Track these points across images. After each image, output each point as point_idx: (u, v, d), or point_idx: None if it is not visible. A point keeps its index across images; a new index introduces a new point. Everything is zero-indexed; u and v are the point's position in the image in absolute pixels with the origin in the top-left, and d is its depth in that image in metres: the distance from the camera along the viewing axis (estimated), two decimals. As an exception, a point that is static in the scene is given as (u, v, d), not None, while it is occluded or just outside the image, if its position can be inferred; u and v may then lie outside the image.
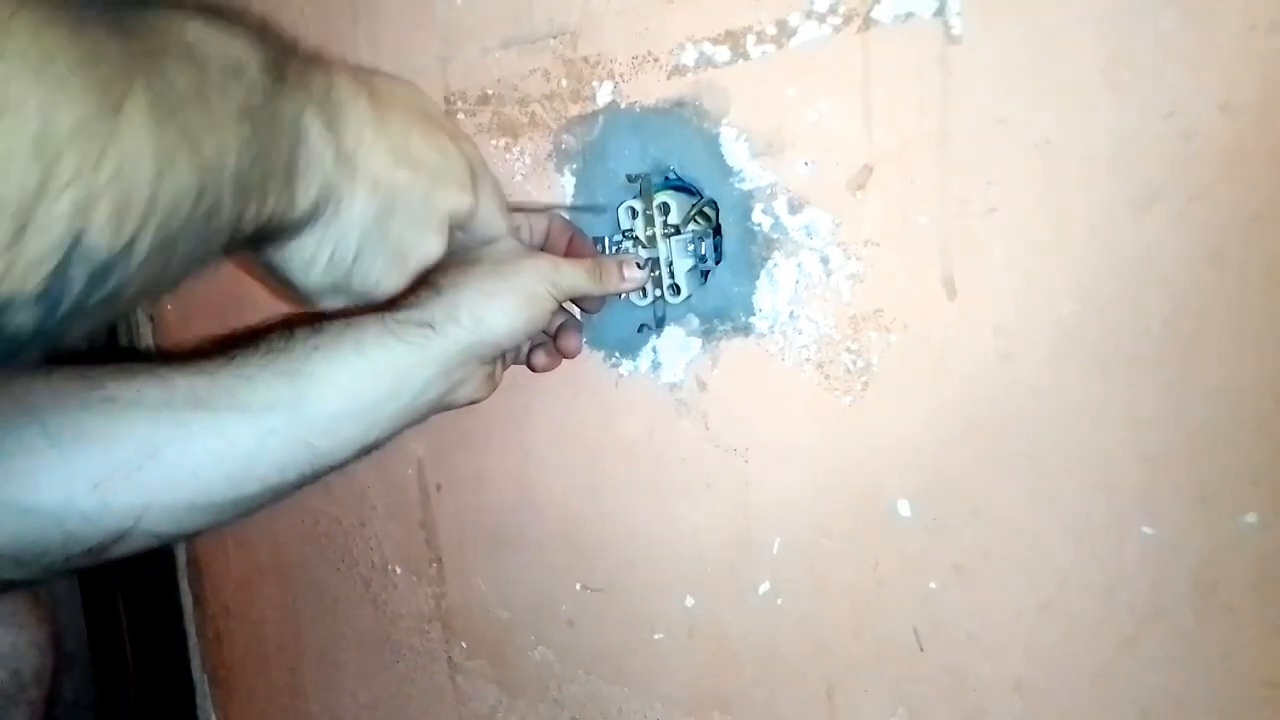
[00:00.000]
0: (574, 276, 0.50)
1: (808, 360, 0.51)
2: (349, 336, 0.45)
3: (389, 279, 0.45)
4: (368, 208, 0.41)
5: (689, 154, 0.53)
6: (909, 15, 0.44)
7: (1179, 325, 0.40)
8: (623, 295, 0.55)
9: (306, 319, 0.47)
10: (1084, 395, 0.42)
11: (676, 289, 0.54)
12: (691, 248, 0.55)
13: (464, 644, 0.73)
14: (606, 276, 0.52)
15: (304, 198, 0.37)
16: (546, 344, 0.57)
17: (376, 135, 0.41)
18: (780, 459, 0.53)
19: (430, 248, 0.46)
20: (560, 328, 0.57)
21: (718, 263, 0.54)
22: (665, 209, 0.54)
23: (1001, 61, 0.42)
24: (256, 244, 0.38)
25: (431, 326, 0.46)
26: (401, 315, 0.47)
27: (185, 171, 0.28)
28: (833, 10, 0.46)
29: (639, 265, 0.53)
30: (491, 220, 0.50)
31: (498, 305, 0.48)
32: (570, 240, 0.57)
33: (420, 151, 0.44)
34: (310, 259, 0.41)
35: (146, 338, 0.94)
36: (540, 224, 0.56)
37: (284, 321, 0.48)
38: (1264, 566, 0.39)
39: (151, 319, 0.94)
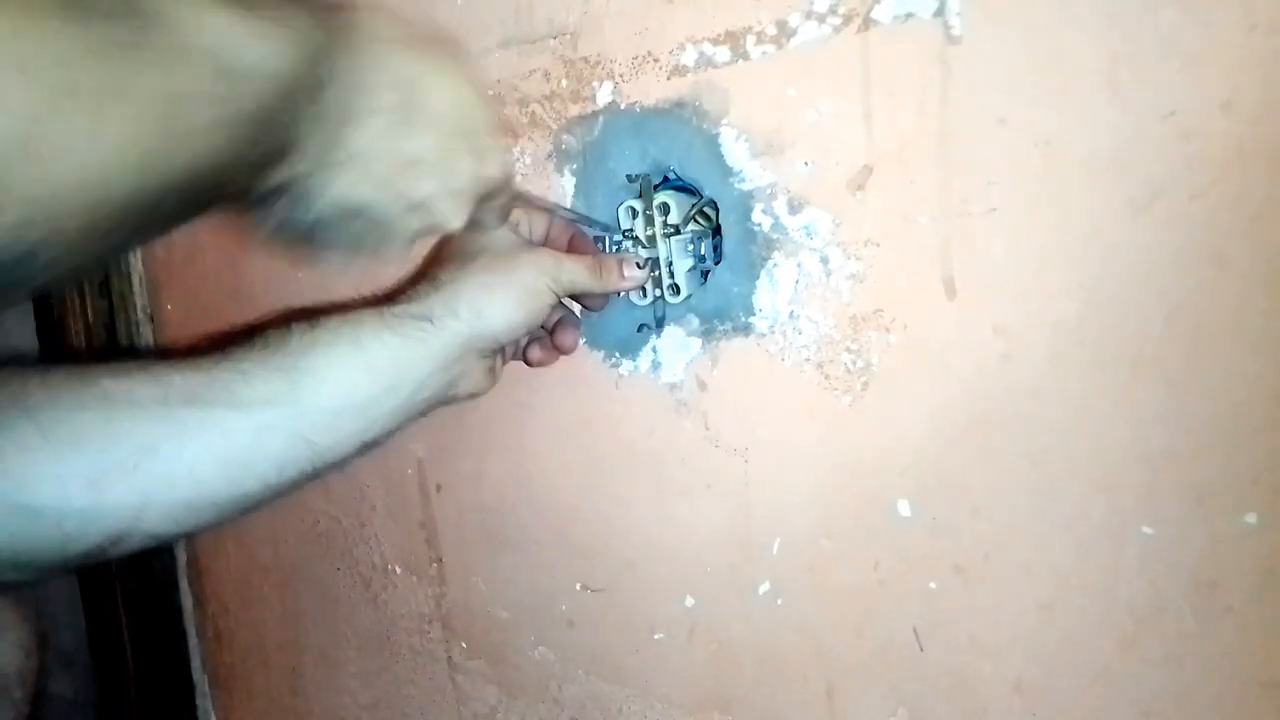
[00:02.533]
0: (575, 272, 0.50)
1: (808, 360, 0.51)
2: (346, 332, 0.45)
3: (344, 250, 0.42)
4: (331, 209, 0.38)
5: (689, 154, 0.53)
6: (909, 15, 0.44)
7: (1179, 325, 0.40)
8: (622, 294, 0.55)
9: (303, 315, 0.47)
10: (1084, 395, 0.42)
11: (676, 289, 0.54)
12: (691, 248, 0.55)
13: (464, 644, 0.73)
14: (607, 274, 0.52)
15: (273, 180, 0.35)
16: (543, 339, 0.57)
17: (380, 148, 0.37)
18: (780, 459, 0.53)
19: (393, 251, 0.42)
20: (558, 323, 0.57)
21: (717, 263, 0.54)
22: (665, 209, 0.54)
23: (1001, 61, 0.42)
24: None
25: (430, 320, 0.46)
26: (399, 309, 0.46)
27: (156, 175, 0.27)
28: (833, 10, 0.46)
29: (639, 265, 0.53)
30: (488, 223, 0.49)
31: (497, 299, 0.47)
32: (571, 239, 0.57)
33: (417, 178, 0.40)
34: (258, 219, 0.38)
35: (147, 337, 0.94)
36: (541, 221, 0.56)
37: (281, 317, 0.48)
38: (1264, 566, 0.39)
39: (152, 319, 0.94)
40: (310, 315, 0.47)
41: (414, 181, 0.39)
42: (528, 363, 0.57)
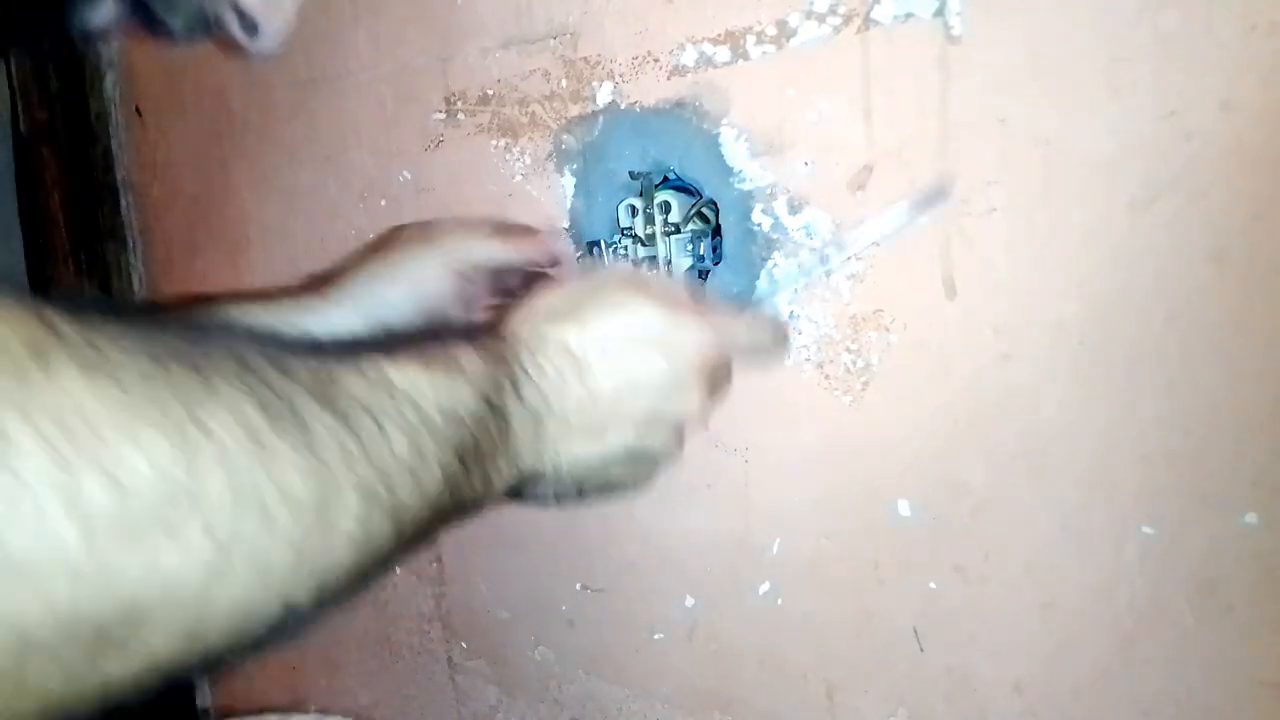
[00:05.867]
0: (474, 242, 0.48)
1: (808, 360, 0.51)
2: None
3: (622, 492, 0.43)
4: (574, 477, 0.40)
5: (689, 154, 0.53)
6: (909, 15, 0.44)
7: (1179, 325, 0.40)
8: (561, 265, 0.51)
9: (207, 300, 0.47)
10: (1084, 395, 0.42)
11: (676, 289, 0.54)
12: (690, 247, 0.55)
13: (464, 644, 0.73)
14: (516, 239, 0.49)
15: (497, 487, 0.36)
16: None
17: (580, 404, 0.38)
18: (780, 459, 0.53)
19: (657, 463, 0.42)
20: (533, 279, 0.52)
21: (716, 263, 0.54)
22: (666, 207, 0.54)
23: (1001, 61, 0.42)
24: None
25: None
26: (286, 304, 0.47)
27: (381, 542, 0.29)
28: (833, 10, 0.46)
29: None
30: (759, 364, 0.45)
31: (389, 289, 0.47)
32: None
33: (631, 398, 0.40)
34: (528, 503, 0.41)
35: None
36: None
37: (183, 300, 0.48)
38: (1264, 566, 0.39)
39: (151, 319, 0.94)
40: (210, 301, 0.46)
41: (623, 413, 0.40)
42: None
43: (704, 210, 0.54)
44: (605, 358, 0.40)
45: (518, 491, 0.38)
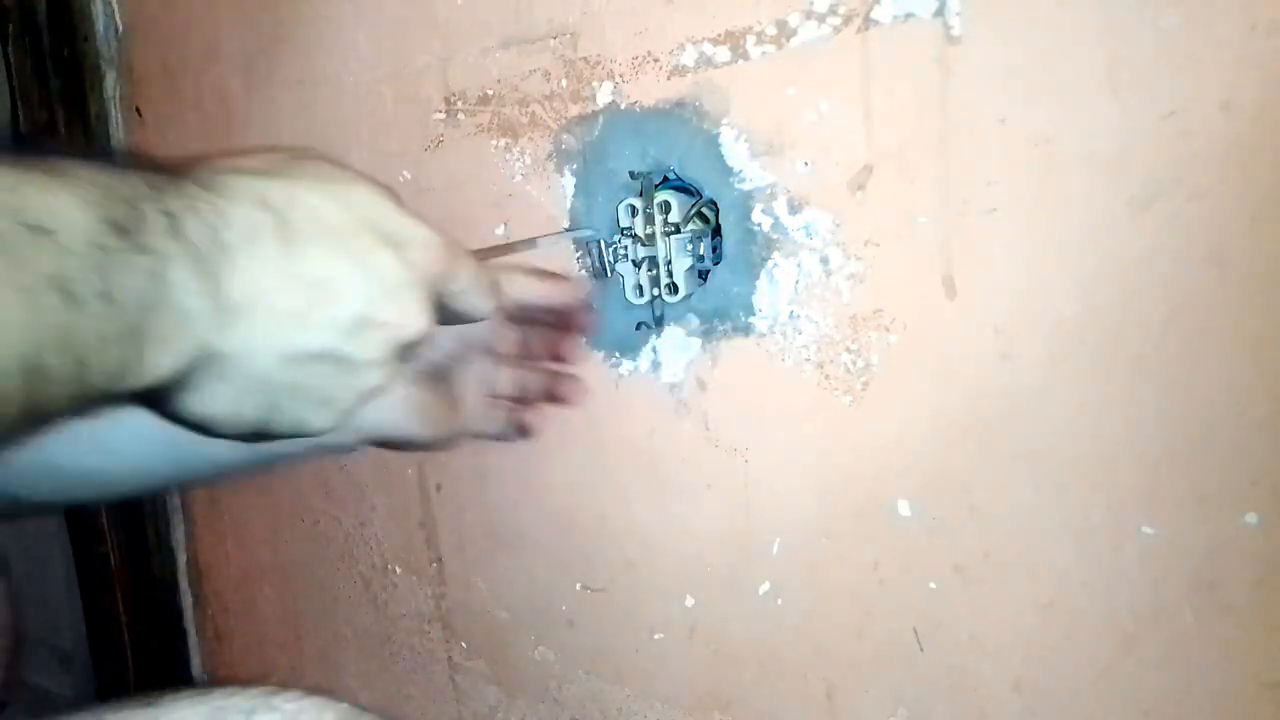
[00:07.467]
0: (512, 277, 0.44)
1: (808, 360, 0.51)
2: None
3: (309, 422, 0.34)
4: (251, 380, 0.31)
5: (689, 154, 0.53)
6: (909, 15, 0.44)
7: (1179, 325, 0.40)
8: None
9: None
10: (1084, 395, 0.42)
11: (674, 288, 0.54)
12: (690, 247, 0.55)
13: (464, 644, 0.73)
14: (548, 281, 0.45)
15: (164, 363, 0.29)
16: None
17: (273, 284, 0.31)
18: (780, 459, 0.53)
19: (368, 382, 0.34)
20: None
21: (716, 263, 0.54)
22: (666, 207, 0.54)
23: (1001, 61, 0.42)
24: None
25: None
26: None
27: None
28: (833, 10, 0.46)
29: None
30: (473, 307, 0.38)
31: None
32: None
33: (336, 297, 0.33)
34: (201, 413, 0.32)
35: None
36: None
37: None
38: (1264, 566, 0.39)
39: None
40: None
41: (334, 302, 0.32)
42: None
43: (704, 210, 0.54)
44: (318, 227, 0.32)
45: (181, 388, 0.30)
